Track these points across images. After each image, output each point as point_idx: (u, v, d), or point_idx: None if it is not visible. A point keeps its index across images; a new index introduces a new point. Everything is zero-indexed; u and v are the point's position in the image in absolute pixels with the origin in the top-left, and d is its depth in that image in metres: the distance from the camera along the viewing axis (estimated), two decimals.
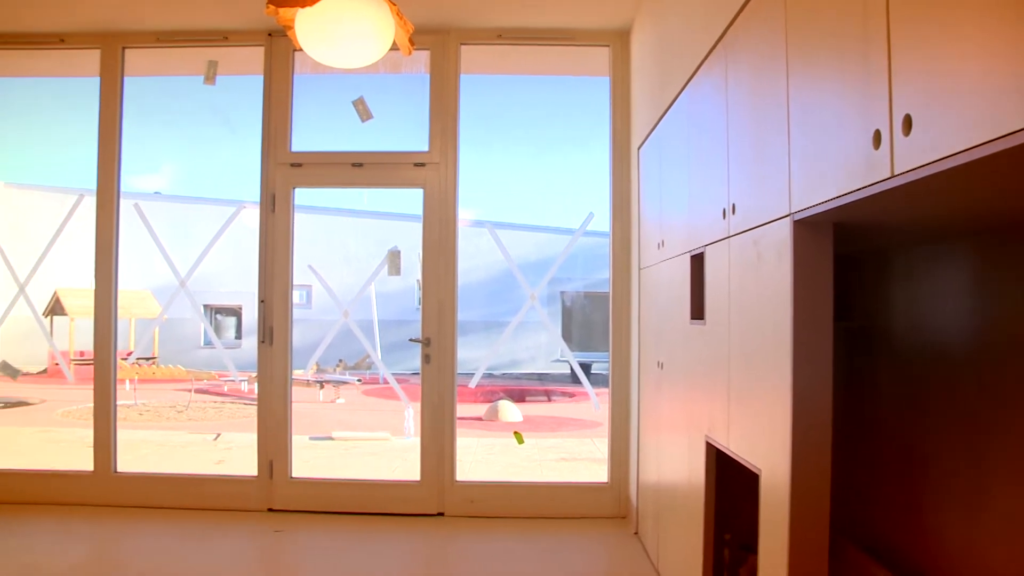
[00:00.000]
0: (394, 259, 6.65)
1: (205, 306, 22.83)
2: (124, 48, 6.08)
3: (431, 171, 5.77)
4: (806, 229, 2.30)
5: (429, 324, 5.79)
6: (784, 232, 2.37)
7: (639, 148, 5.16)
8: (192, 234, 18.19)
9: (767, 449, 2.53)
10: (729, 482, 3.30)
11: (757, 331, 2.64)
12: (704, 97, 3.38)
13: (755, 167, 2.66)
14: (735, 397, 2.90)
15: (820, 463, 2.30)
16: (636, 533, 5.26)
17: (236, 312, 24.39)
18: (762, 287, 2.58)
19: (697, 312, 3.50)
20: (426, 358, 5.78)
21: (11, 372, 8.29)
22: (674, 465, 3.97)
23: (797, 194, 2.26)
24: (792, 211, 2.30)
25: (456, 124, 5.79)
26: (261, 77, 5.96)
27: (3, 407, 13.99)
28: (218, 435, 10.41)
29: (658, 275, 4.44)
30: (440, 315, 5.77)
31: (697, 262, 3.48)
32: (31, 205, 20.36)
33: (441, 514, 5.74)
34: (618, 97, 5.75)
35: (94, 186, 6.11)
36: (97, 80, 6.13)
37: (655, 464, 4.55)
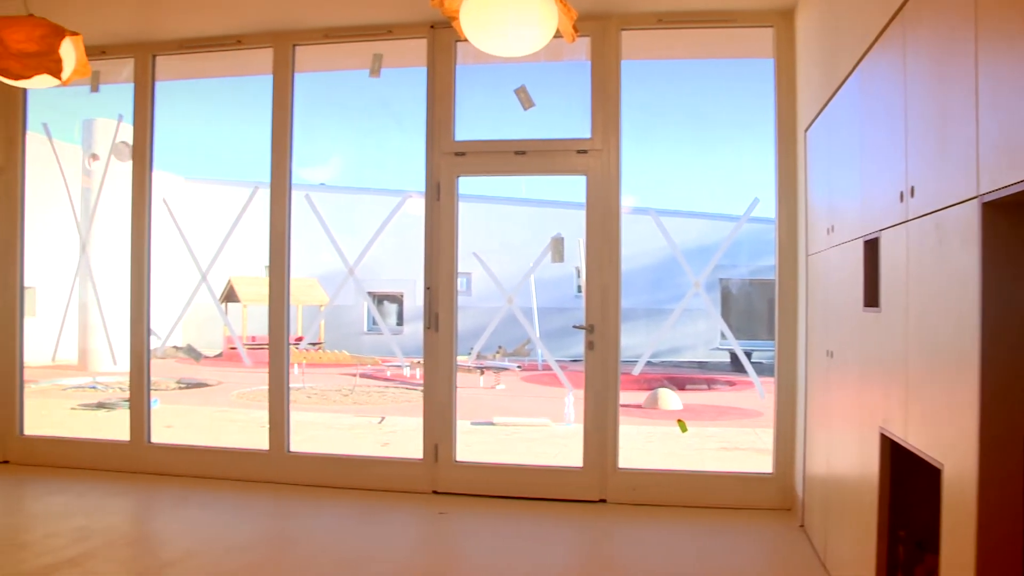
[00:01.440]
0: (557, 246, 6.68)
1: (368, 293, 23.52)
2: (295, 46, 6.33)
3: (593, 158, 5.77)
4: (996, 211, 2.18)
5: (592, 311, 5.78)
6: (971, 215, 2.25)
7: (806, 131, 5.00)
8: (355, 223, 18.77)
9: (950, 442, 2.41)
10: (904, 476, 3.17)
11: (940, 319, 2.52)
12: (879, 75, 3.24)
13: (937, 147, 2.53)
14: (913, 387, 2.78)
15: (1012, 459, 2.18)
16: (802, 526, 5.12)
17: (398, 299, 25.04)
18: (945, 273, 2.46)
19: (871, 299, 3.37)
20: (589, 345, 5.78)
21: (195, 355, 8.81)
22: (845, 457, 3.85)
23: (986, 175, 2.15)
24: (980, 192, 2.18)
25: (618, 110, 5.76)
26: (424, 68, 6.09)
27: (185, 388, 14.82)
28: (382, 418, 10.72)
29: (827, 261, 4.31)
30: (604, 302, 5.76)
31: (871, 247, 3.36)
32: (210, 199, 21.48)
33: (603, 501, 5.74)
34: (783, 79, 5.59)
35: (268, 179, 6.39)
36: (270, 78, 6.40)
37: (824, 455, 4.42)
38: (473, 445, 8.76)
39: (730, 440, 9.50)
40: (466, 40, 3.67)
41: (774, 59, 5.64)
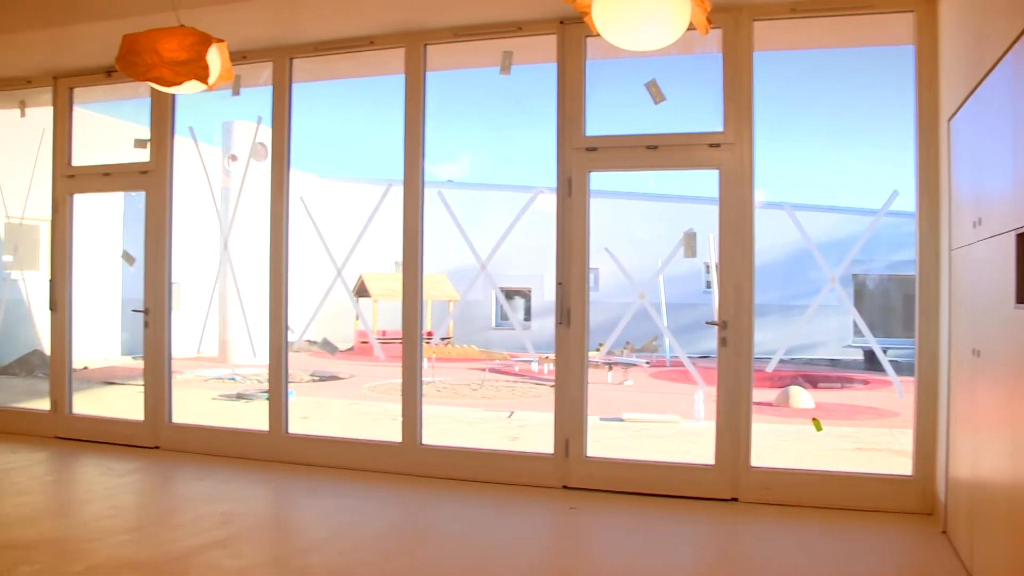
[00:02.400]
0: (690, 241, 6.60)
1: (495, 289, 23.74)
2: (425, 45, 6.44)
3: (726, 152, 5.68)
4: None
5: (725, 307, 5.70)
6: None
7: (950, 119, 4.81)
8: (483, 219, 18.96)
9: None
10: None
11: None
12: None
13: None
14: None
15: None
16: (944, 532, 4.93)
17: (525, 294, 25.19)
18: None
19: None
20: (722, 341, 5.69)
21: (330, 349, 9.05)
22: (995, 461, 3.69)
23: None
24: None
25: (750, 103, 5.66)
26: (555, 64, 6.10)
27: (318, 380, 15.25)
28: (511, 413, 10.81)
29: (973, 256, 4.14)
30: (737, 298, 5.67)
31: None
32: (342, 196, 22.04)
33: (735, 499, 5.66)
34: (924, 65, 5.39)
35: (399, 176, 6.52)
36: (402, 77, 6.53)
37: (970, 459, 4.25)
38: (602, 441, 8.74)
39: (865, 440, 9.21)
40: (597, 35, 3.67)
41: (914, 45, 5.44)
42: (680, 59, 6.65)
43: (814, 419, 6.78)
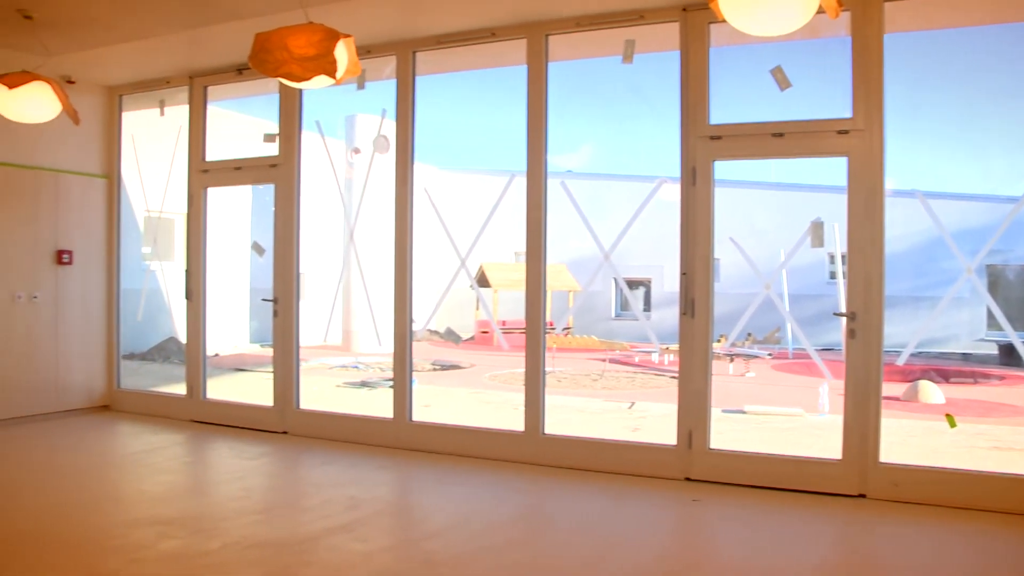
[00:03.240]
0: (817, 230, 6.45)
1: (615, 279, 23.63)
2: (547, 35, 6.44)
3: (855, 138, 5.50)
4: None
5: (854, 298, 5.54)
6: None
7: None
8: (603, 210, 18.91)
9: None
10: None
11: None
12: None
13: None
14: None
15: None
16: None
17: (645, 284, 24.99)
18: None
19: None
20: (851, 333, 5.54)
21: (454, 338, 9.19)
22: None
23: None
24: None
25: (881, 87, 5.46)
26: (677, 52, 6.03)
27: (439, 369, 15.48)
28: (632, 404, 10.77)
29: None
30: (866, 289, 5.50)
31: None
32: (462, 188, 22.30)
33: (862, 496, 5.50)
34: None
35: (520, 167, 6.55)
36: (523, 68, 6.55)
37: None
38: (724, 433, 8.61)
39: (1003, 439, 8.83)
40: (722, 21, 3.62)
41: None
42: (806, 44, 6.47)
43: (947, 415, 6.52)
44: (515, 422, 6.71)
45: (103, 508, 5.35)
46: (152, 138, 9.35)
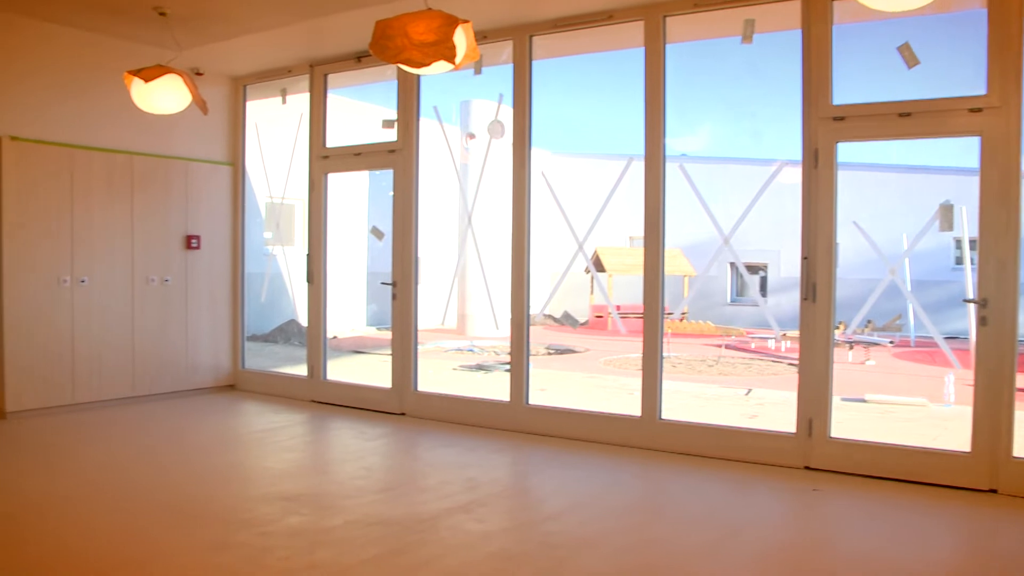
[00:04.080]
0: (946, 213, 6.21)
1: (731, 264, 23.27)
2: (664, 17, 6.36)
3: (990, 116, 5.25)
4: None
5: (985, 284, 5.31)
6: None
7: None
8: (718, 193, 18.60)
9: None
10: None
11: None
12: None
13: None
14: None
15: None
16: None
17: (761, 269, 24.53)
18: None
19: None
20: (981, 320, 5.31)
21: (571, 322, 9.18)
22: None
23: None
24: None
25: (1020, 61, 5.15)
26: (798, 31, 5.88)
27: (553, 353, 15.52)
28: (749, 390, 10.61)
29: None
30: (999, 274, 5.26)
31: None
32: (575, 172, 22.26)
33: (993, 491, 5.28)
34: None
35: (634, 151, 6.49)
36: (641, 51, 6.48)
37: None
38: (844, 422, 8.41)
39: None
40: None
41: None
42: (937, 18, 6.23)
43: None
44: (631, 407, 6.69)
45: (232, 483, 5.56)
46: (274, 126, 9.61)
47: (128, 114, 7.48)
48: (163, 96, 6.30)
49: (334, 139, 8.40)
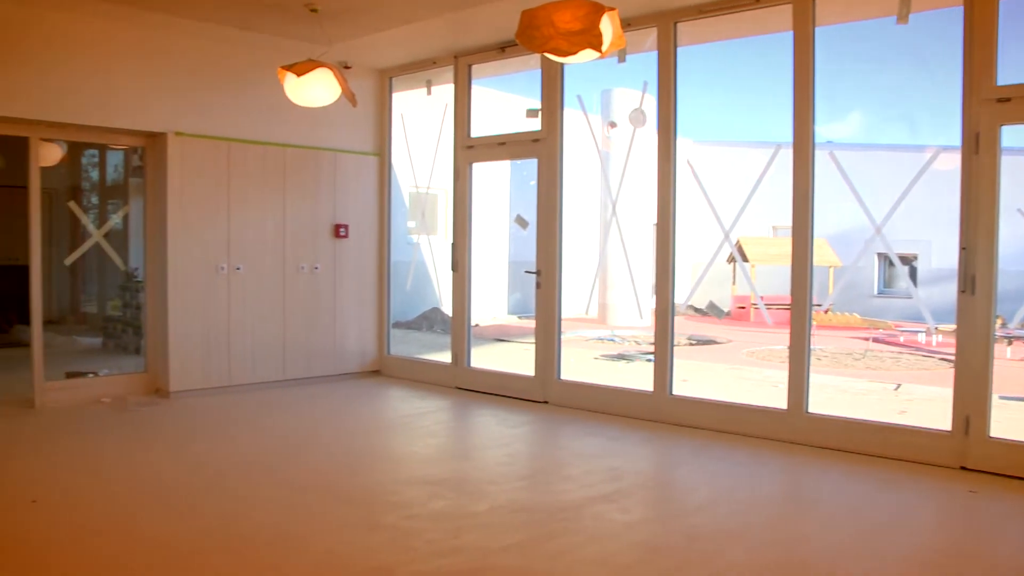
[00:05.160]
0: None
1: (879, 254, 22.45)
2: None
3: None
4: None
5: None
6: None
7: None
8: (867, 181, 17.92)
9: None
10: None
11: None
12: None
13: None
14: None
15: None
16: None
17: (910, 260, 23.58)
18: None
19: None
20: None
21: (717, 312, 9.03)
22: None
23: None
24: None
25: None
26: (960, 8, 5.59)
27: (695, 344, 15.31)
28: (898, 385, 10.23)
29: None
30: None
31: None
32: (717, 160, 21.86)
33: None
34: None
35: (787, 139, 6.33)
36: (789, 35, 6.31)
37: None
38: (1003, 422, 8.01)
39: None
40: None
41: None
42: None
43: None
44: (775, 399, 6.54)
45: (380, 466, 5.73)
46: (419, 117, 9.79)
47: (280, 108, 7.78)
48: (314, 90, 6.50)
49: (478, 129, 8.50)
